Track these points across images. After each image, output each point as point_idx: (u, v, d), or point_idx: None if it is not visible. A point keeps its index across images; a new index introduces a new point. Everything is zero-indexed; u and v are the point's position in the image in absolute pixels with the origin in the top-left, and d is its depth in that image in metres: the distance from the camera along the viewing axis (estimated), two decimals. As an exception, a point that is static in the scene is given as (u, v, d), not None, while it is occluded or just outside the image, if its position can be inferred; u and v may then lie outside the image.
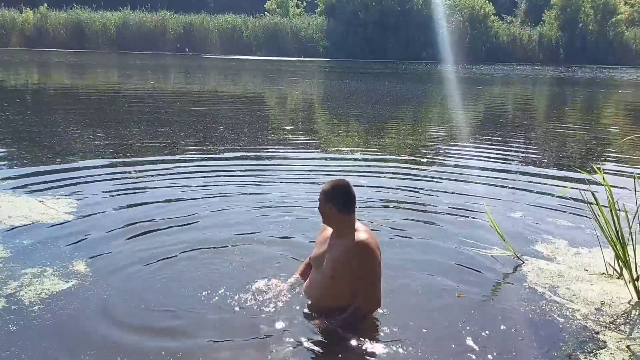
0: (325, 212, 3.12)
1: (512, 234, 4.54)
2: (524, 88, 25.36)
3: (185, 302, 3.30)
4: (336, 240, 3.13)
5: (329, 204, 3.08)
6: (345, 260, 3.02)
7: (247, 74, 27.94)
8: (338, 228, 3.13)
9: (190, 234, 4.51)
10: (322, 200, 3.12)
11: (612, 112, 17.06)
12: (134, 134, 9.32)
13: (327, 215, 3.12)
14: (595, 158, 8.45)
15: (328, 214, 3.11)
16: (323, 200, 3.11)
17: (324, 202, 3.11)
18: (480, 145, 9.44)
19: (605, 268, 3.94)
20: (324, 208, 3.11)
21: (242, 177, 6.61)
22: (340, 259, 3.04)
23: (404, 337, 2.96)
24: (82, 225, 4.59)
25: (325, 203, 3.10)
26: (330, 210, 3.08)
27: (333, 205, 3.07)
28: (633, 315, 3.36)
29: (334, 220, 3.12)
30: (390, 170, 7.27)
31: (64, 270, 3.67)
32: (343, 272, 3.04)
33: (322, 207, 3.13)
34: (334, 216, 3.09)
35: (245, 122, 11.38)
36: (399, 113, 14.34)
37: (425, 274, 3.82)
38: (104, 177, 6.35)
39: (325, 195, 3.10)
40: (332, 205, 3.07)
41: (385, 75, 28.76)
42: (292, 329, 3.02)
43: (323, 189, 3.14)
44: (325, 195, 3.10)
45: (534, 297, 3.54)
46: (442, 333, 3.03)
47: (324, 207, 3.12)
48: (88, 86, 18.83)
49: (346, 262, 3.02)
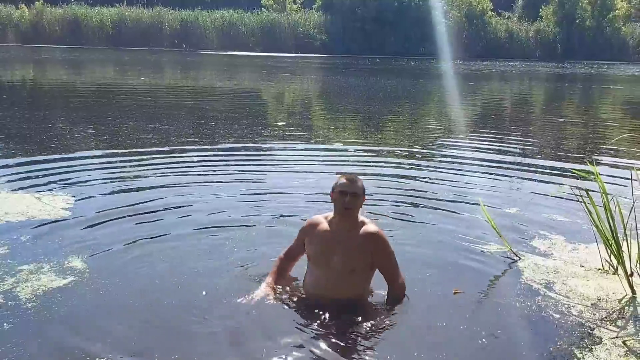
0: (360, 205, 3.15)
1: (508, 230, 4.55)
2: (520, 84, 25.38)
3: (185, 299, 3.29)
4: (347, 233, 3.12)
5: (364, 196, 3.15)
6: (365, 252, 3.10)
7: (243, 70, 27.90)
8: (355, 220, 3.15)
9: (189, 229, 4.52)
10: (362, 192, 3.14)
11: (608, 108, 17.09)
12: (128, 128, 9.32)
13: (358, 208, 3.15)
14: (591, 153, 8.46)
15: (360, 206, 3.15)
16: (362, 193, 3.14)
17: (362, 194, 3.14)
18: (476, 140, 9.45)
19: (601, 264, 3.96)
20: (361, 200, 3.15)
21: (238, 172, 6.62)
22: (359, 251, 3.10)
23: (399, 332, 2.97)
24: (79, 221, 4.58)
25: (363, 195, 3.15)
26: (362, 203, 3.15)
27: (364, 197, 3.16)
28: (628, 310, 3.37)
29: (358, 213, 3.16)
30: (386, 166, 7.29)
31: (60, 266, 3.66)
32: (364, 265, 3.12)
33: (361, 200, 3.15)
34: (359, 208, 3.14)
35: (241, 116, 11.36)
36: (395, 108, 14.34)
37: (421, 269, 3.82)
38: (100, 172, 6.37)
39: (363, 188, 3.16)
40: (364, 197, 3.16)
41: (382, 72, 28.75)
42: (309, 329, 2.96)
43: (361, 184, 3.15)
44: (363, 188, 3.16)
45: (530, 293, 3.54)
46: (437, 328, 3.03)
47: (361, 199, 3.15)
48: (84, 82, 18.77)
49: (366, 254, 3.10)
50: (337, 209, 3.14)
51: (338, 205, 3.12)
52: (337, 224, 3.17)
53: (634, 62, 49.59)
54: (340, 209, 3.11)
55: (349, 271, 3.11)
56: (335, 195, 3.13)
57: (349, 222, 3.14)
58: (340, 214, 3.12)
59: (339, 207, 3.11)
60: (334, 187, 3.16)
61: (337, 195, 3.11)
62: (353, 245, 3.11)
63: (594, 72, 34.83)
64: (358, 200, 3.11)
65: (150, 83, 18.78)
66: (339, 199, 3.10)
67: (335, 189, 3.14)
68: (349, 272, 3.11)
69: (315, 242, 3.22)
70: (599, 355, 2.85)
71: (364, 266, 3.15)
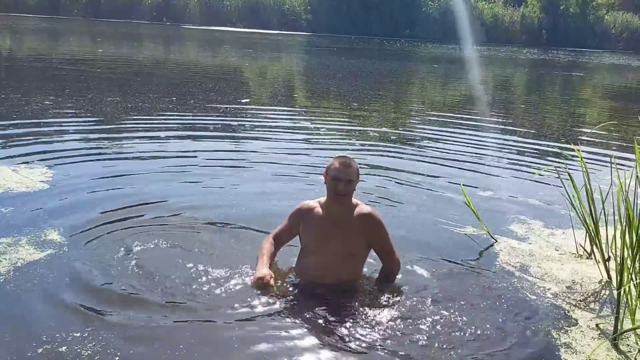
0: (354, 189, 3.12)
1: (487, 213, 4.60)
2: (503, 70, 25.50)
3: (165, 271, 3.27)
4: (342, 217, 3.10)
5: (358, 179, 3.13)
6: (362, 233, 3.11)
7: (226, 46, 27.53)
8: (350, 203, 3.14)
9: (168, 200, 4.52)
10: (356, 177, 3.10)
11: (589, 95, 17.29)
12: (106, 101, 9.21)
13: (352, 192, 3.12)
14: (571, 139, 8.57)
15: (354, 190, 3.12)
16: (356, 177, 3.10)
17: (356, 179, 3.11)
18: (458, 125, 9.52)
19: (576, 249, 4.04)
20: (355, 184, 3.12)
21: (219, 149, 6.61)
22: (357, 233, 3.10)
23: (378, 313, 3.00)
24: (57, 194, 4.53)
25: (357, 179, 3.12)
26: (356, 186, 3.13)
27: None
28: (602, 294, 3.46)
29: (351, 198, 3.14)
30: (366, 148, 7.29)
31: (39, 239, 3.62)
32: (362, 246, 3.15)
33: (355, 185, 3.12)
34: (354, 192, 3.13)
35: (224, 93, 11.25)
36: (379, 90, 14.33)
37: (399, 251, 3.84)
38: (78, 145, 6.31)
39: (358, 171, 3.11)
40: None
41: (366, 52, 28.61)
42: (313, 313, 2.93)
43: (356, 168, 3.09)
44: (358, 171, 3.11)
45: (506, 276, 3.61)
46: (415, 310, 3.06)
47: (355, 183, 3.12)
48: (61, 54, 18.36)
49: (363, 235, 3.11)
50: (331, 194, 3.09)
51: (331, 191, 3.07)
52: (331, 208, 3.13)
53: (618, 51, 50.07)
54: (333, 195, 3.07)
55: (349, 254, 3.12)
56: (329, 180, 3.07)
57: (343, 206, 3.12)
58: (334, 200, 3.09)
59: (333, 193, 3.07)
60: (328, 171, 3.09)
61: (330, 181, 3.06)
62: (350, 228, 3.09)
63: (576, 59, 35.13)
64: (352, 185, 3.07)
65: (132, 56, 18.45)
66: (333, 185, 3.04)
67: (328, 173, 3.08)
68: (348, 255, 3.12)
69: (311, 227, 3.16)
70: (574, 337, 2.92)
71: (362, 248, 3.16)
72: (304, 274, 3.19)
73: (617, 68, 31.62)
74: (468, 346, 2.77)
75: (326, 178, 3.10)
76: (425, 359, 2.64)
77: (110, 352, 2.52)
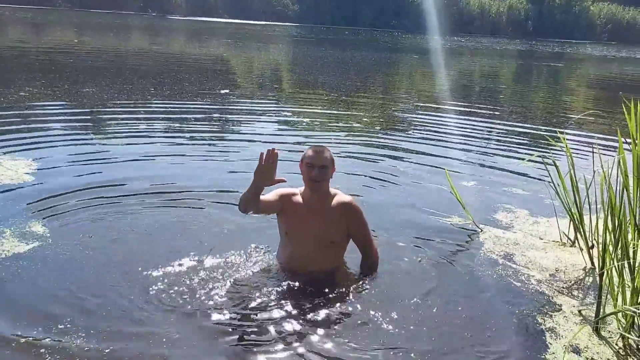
0: (329, 176, 3.11)
1: (473, 202, 4.64)
2: (490, 61, 25.59)
3: (148, 261, 3.26)
4: (321, 205, 3.11)
5: (333, 167, 3.12)
6: (341, 222, 3.11)
7: (213, 37, 27.33)
8: (327, 191, 3.14)
9: (152, 192, 4.53)
10: (330, 163, 3.08)
11: (573, 85, 17.42)
12: (90, 93, 9.10)
13: (328, 179, 3.11)
14: (557, 128, 8.64)
15: (329, 177, 3.11)
16: (330, 164, 3.09)
17: (331, 165, 3.10)
18: (444, 114, 9.56)
19: (560, 237, 4.09)
20: (330, 171, 3.11)
21: (204, 140, 6.61)
22: (336, 222, 3.11)
23: (362, 301, 3.02)
24: (41, 186, 4.49)
25: (332, 166, 3.11)
26: (332, 173, 3.12)
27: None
28: (586, 281, 3.51)
29: (328, 184, 3.14)
30: (351, 137, 7.30)
31: (23, 231, 3.59)
32: (342, 235, 3.16)
33: (330, 171, 3.11)
34: (330, 179, 3.12)
35: (209, 85, 11.19)
36: (364, 80, 14.32)
37: (385, 240, 3.88)
38: (62, 137, 6.28)
39: (332, 158, 3.10)
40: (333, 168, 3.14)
41: (352, 43, 28.55)
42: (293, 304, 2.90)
43: (329, 155, 3.09)
44: (332, 158, 3.10)
45: (491, 264, 3.64)
46: (400, 299, 3.08)
47: (331, 170, 3.11)
48: (44, 44, 18.13)
49: (342, 224, 3.12)
50: (307, 182, 3.09)
51: (306, 178, 3.08)
52: (309, 197, 3.13)
53: (603, 42, 50.45)
54: (309, 182, 3.07)
55: (329, 242, 3.13)
56: (303, 167, 3.08)
57: (319, 194, 3.12)
58: (309, 187, 3.09)
59: (308, 180, 3.07)
60: (302, 159, 3.10)
61: (305, 168, 3.06)
62: (329, 217, 3.10)
63: (563, 51, 35.34)
64: (327, 171, 3.07)
65: (118, 47, 18.26)
66: (308, 172, 3.05)
67: (303, 161, 3.09)
68: (329, 243, 3.13)
69: (291, 215, 3.14)
70: (558, 322, 2.96)
71: (341, 236, 3.17)
72: (289, 264, 3.18)
73: (602, 59, 31.87)
74: (454, 332, 2.80)
75: (302, 167, 3.10)
76: (410, 345, 2.65)
77: (95, 341, 2.52)
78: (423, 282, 3.31)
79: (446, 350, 2.66)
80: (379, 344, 2.65)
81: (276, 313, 2.82)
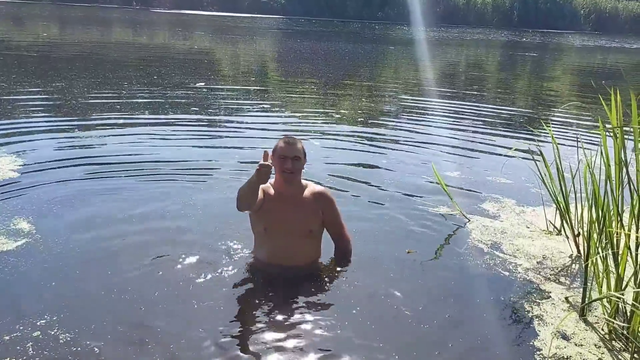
0: (302, 167, 3.10)
1: (460, 193, 4.67)
2: (475, 51, 25.68)
3: (135, 257, 3.26)
4: (296, 197, 3.11)
5: (305, 158, 3.12)
6: (317, 211, 3.13)
7: (197, 30, 27.12)
8: (300, 183, 3.14)
9: (139, 188, 4.50)
10: (302, 154, 3.08)
11: (558, 75, 17.55)
12: (75, 89, 9.01)
13: (300, 170, 3.11)
14: (543, 118, 8.71)
15: (301, 168, 3.11)
16: (302, 155, 3.08)
17: (303, 156, 3.09)
18: (431, 106, 9.58)
19: (546, 225, 4.13)
20: (303, 162, 3.10)
21: (190, 136, 6.55)
22: (312, 212, 3.12)
23: (352, 292, 3.03)
24: (27, 183, 4.44)
25: (305, 158, 3.11)
26: (303, 165, 3.12)
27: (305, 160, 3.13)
28: (572, 268, 3.55)
29: (300, 176, 3.13)
30: (336, 130, 7.28)
31: (10, 229, 3.55)
32: (318, 225, 3.17)
33: (302, 162, 3.10)
34: (302, 170, 3.12)
35: (195, 78, 11.11)
36: (352, 74, 14.30)
37: (374, 231, 3.89)
38: (47, 134, 6.19)
39: (304, 149, 3.10)
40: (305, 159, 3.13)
41: (340, 35, 28.49)
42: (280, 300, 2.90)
43: (301, 146, 3.08)
44: (304, 149, 3.10)
45: (478, 253, 3.67)
46: (390, 288, 3.10)
47: (303, 161, 3.10)
48: (26, 40, 17.87)
49: (318, 213, 3.13)
50: (280, 174, 3.07)
51: (280, 170, 3.04)
52: (284, 189, 3.10)
53: (586, 32, 50.84)
54: (282, 174, 3.05)
55: (307, 233, 3.13)
56: (276, 160, 3.03)
57: (293, 185, 3.11)
58: (284, 179, 3.06)
59: (281, 172, 3.04)
60: (274, 151, 3.06)
61: (277, 160, 3.03)
62: (306, 207, 3.12)
63: (549, 40, 35.54)
64: (300, 162, 3.07)
65: (100, 42, 18.05)
66: (280, 164, 3.02)
67: (275, 153, 3.05)
68: (307, 234, 3.13)
69: (269, 210, 3.08)
70: (545, 309, 3.00)
71: (319, 226, 3.18)
72: (271, 259, 3.12)
73: (586, 49, 32.11)
74: (442, 321, 2.82)
75: (274, 159, 3.03)
76: (397, 335, 2.67)
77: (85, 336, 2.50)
78: (411, 272, 3.33)
79: (434, 338, 2.68)
80: (367, 332, 2.66)
81: (266, 308, 2.82)
